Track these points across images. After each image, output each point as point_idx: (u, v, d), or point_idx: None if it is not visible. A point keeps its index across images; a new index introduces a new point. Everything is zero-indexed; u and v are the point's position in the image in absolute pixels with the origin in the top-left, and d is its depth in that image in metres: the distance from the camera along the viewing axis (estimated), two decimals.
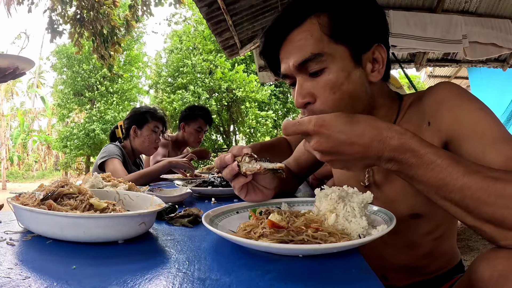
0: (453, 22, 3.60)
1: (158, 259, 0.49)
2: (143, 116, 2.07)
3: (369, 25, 0.69)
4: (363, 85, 0.70)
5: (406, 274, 0.86)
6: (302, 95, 0.69)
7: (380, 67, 0.71)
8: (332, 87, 0.67)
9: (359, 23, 0.67)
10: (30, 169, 21.62)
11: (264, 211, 0.61)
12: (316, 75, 0.68)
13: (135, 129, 2.06)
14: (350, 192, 0.61)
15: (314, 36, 0.66)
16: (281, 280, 0.41)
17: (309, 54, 0.66)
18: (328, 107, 0.68)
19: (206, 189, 1.10)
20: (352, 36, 0.67)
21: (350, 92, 0.68)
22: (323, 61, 0.66)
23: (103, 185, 1.06)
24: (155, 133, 2.07)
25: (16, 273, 0.43)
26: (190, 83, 12.17)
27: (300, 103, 0.70)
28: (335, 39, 0.66)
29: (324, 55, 0.66)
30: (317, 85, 0.68)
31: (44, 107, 19.00)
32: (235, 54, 4.43)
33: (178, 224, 0.69)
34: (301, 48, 0.67)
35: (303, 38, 0.67)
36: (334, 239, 0.50)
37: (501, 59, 4.62)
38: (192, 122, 2.67)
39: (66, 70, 14.30)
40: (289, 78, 0.74)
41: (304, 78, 0.69)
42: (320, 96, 0.68)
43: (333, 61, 0.67)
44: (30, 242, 0.56)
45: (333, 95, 0.67)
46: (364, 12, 0.69)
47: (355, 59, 0.68)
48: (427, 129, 0.71)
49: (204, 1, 3.32)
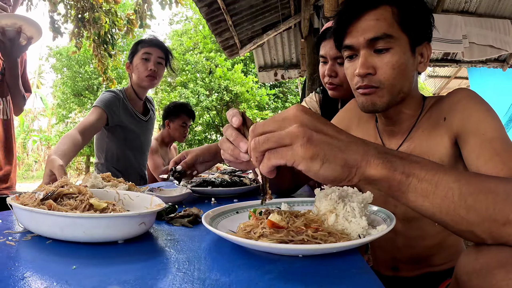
0: (453, 22, 3.60)
1: (158, 259, 0.49)
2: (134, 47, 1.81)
3: (425, 24, 0.82)
4: (413, 71, 0.83)
5: (416, 265, 0.92)
6: (366, 66, 0.79)
7: (425, 61, 0.85)
8: (394, 65, 0.78)
9: (420, 19, 0.80)
10: (30, 169, 21.60)
11: (264, 211, 0.61)
12: (381, 52, 0.79)
13: (129, 65, 1.82)
14: (350, 192, 0.61)
15: (387, 20, 0.78)
16: (281, 280, 0.41)
17: (382, 33, 0.77)
18: (386, 79, 0.79)
19: (206, 189, 1.10)
20: (414, 28, 0.79)
21: (405, 73, 0.80)
22: (391, 42, 0.77)
23: (103, 185, 1.06)
24: (147, 60, 1.77)
25: (16, 273, 0.43)
26: (189, 81, 12.18)
27: (363, 72, 0.79)
28: (402, 26, 0.78)
29: (393, 37, 0.77)
30: (380, 61, 0.79)
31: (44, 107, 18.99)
32: (235, 54, 4.43)
33: (178, 224, 0.69)
34: (375, 26, 0.78)
35: (378, 19, 0.78)
36: (334, 239, 0.50)
37: (501, 59, 4.62)
38: (176, 118, 2.73)
39: (66, 71, 14.29)
40: (351, 50, 0.83)
41: (369, 53, 0.79)
42: (381, 70, 0.79)
43: (398, 44, 0.78)
44: (30, 242, 0.56)
45: (392, 71, 0.78)
46: (424, 12, 0.81)
47: (412, 48, 0.80)
48: (443, 124, 0.82)
49: (204, 1, 3.32)
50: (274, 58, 4.90)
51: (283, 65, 4.95)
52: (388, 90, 0.80)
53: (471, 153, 0.74)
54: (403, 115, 0.88)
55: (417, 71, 0.84)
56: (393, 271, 0.96)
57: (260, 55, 4.81)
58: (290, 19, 4.11)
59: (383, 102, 0.81)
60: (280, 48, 4.74)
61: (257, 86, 12.46)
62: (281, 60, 4.93)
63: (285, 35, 4.52)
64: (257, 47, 4.43)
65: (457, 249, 0.92)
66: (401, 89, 0.81)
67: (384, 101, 0.81)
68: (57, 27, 4.74)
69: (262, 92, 12.54)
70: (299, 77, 5.23)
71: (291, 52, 4.82)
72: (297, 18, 4.05)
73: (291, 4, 3.94)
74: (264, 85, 12.95)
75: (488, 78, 6.02)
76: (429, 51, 0.84)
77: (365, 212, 0.57)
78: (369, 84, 0.79)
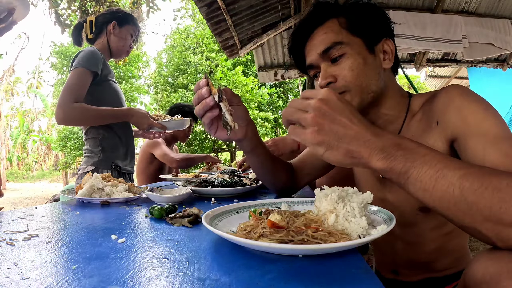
0: (453, 22, 3.60)
1: (158, 259, 0.49)
2: (125, 17, 1.89)
3: (375, 23, 0.84)
4: (376, 68, 0.83)
5: (416, 270, 0.90)
6: (325, 76, 0.82)
7: (390, 56, 0.86)
8: (350, 67, 0.80)
9: (368, 21, 0.83)
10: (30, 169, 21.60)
11: (264, 211, 0.61)
12: (337, 61, 0.82)
13: (115, 25, 1.85)
14: (350, 192, 0.61)
15: (335, 30, 0.82)
16: (281, 280, 0.41)
17: (331, 42, 0.81)
18: (347, 82, 0.80)
19: (206, 189, 1.10)
20: (364, 30, 0.82)
21: (366, 71, 0.81)
22: (343, 48, 0.81)
23: (103, 185, 1.06)
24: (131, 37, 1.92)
25: (16, 273, 0.43)
26: (191, 82, 12.18)
27: (324, 82, 0.81)
28: (351, 31, 0.82)
29: (343, 43, 0.81)
30: (338, 68, 0.81)
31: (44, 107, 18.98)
32: (235, 54, 4.43)
33: (178, 224, 0.69)
34: (324, 40, 0.82)
35: (325, 32, 0.83)
36: (334, 239, 0.50)
37: (501, 59, 4.62)
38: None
39: (66, 70, 14.29)
40: (313, 69, 0.87)
41: (327, 65, 0.83)
42: (340, 76, 0.81)
43: (351, 47, 0.81)
44: (30, 242, 0.57)
45: (351, 72, 0.80)
46: (371, 14, 0.85)
47: (369, 48, 0.82)
48: (436, 128, 0.77)
49: (204, 1, 3.32)
50: (274, 58, 4.90)
51: (283, 65, 4.95)
52: (355, 91, 0.81)
53: (474, 157, 0.66)
54: (386, 117, 0.87)
55: (382, 68, 0.84)
56: (393, 275, 0.96)
57: (260, 55, 4.81)
58: (290, 19, 4.11)
59: (355, 103, 0.81)
60: (280, 48, 4.74)
61: (257, 87, 12.46)
62: (281, 60, 4.92)
63: (285, 35, 4.51)
64: (257, 47, 4.42)
65: (460, 254, 0.89)
66: (368, 88, 0.81)
67: (355, 103, 0.81)
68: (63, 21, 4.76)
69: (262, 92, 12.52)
70: (299, 77, 5.23)
71: None
72: (297, 18, 4.05)
73: (291, 4, 3.94)
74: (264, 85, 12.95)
75: (488, 78, 6.01)
76: (391, 47, 0.86)
77: (365, 212, 0.57)
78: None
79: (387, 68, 0.86)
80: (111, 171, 1.74)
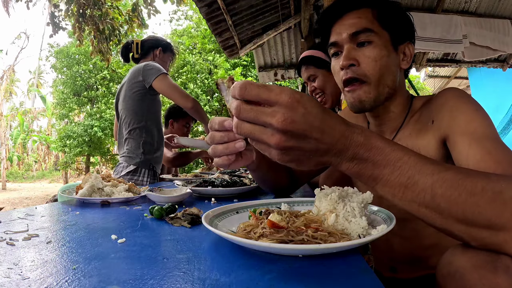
0: (453, 22, 3.60)
1: (158, 259, 0.49)
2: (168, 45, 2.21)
3: (404, 24, 0.88)
4: (396, 66, 0.86)
5: (413, 266, 0.92)
6: (348, 57, 0.83)
7: (408, 59, 0.89)
8: (375, 57, 0.82)
9: (398, 19, 0.87)
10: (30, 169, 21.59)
11: (264, 211, 0.61)
12: (363, 45, 0.83)
13: (160, 51, 2.15)
14: (350, 192, 0.61)
15: (368, 18, 0.84)
16: (281, 280, 0.41)
17: (363, 27, 0.83)
18: (369, 73, 0.82)
19: (206, 189, 1.10)
20: (393, 26, 0.85)
21: (387, 66, 0.83)
22: (372, 36, 0.83)
23: (103, 185, 1.06)
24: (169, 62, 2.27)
25: (16, 273, 0.43)
26: (190, 81, 12.17)
27: (346, 63, 0.83)
28: (382, 24, 0.84)
29: (374, 32, 0.83)
30: (362, 53, 0.83)
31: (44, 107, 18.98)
32: (235, 54, 4.43)
33: (178, 224, 0.69)
34: (356, 23, 0.84)
35: (359, 17, 0.84)
36: (334, 239, 0.50)
37: (501, 59, 4.62)
38: (180, 118, 2.83)
39: (66, 70, 14.29)
40: (335, 47, 0.88)
41: (352, 47, 0.84)
42: (364, 63, 0.83)
43: (379, 38, 0.83)
44: (30, 242, 0.57)
45: (374, 63, 0.82)
46: (401, 14, 0.88)
47: (394, 45, 0.85)
48: (431, 127, 0.81)
49: (204, 1, 3.32)
50: (274, 58, 4.90)
51: (283, 65, 4.95)
52: (374, 84, 0.83)
53: (461, 154, 0.71)
54: (391, 114, 0.90)
55: (400, 68, 0.88)
56: (391, 272, 0.96)
57: (260, 55, 4.81)
58: (290, 19, 4.11)
59: (370, 98, 0.83)
60: (280, 48, 4.74)
61: None
62: (281, 60, 4.92)
63: (285, 35, 4.51)
64: (257, 47, 4.42)
65: None
66: (386, 83, 0.84)
67: (371, 97, 0.83)
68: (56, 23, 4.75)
69: None
70: (299, 77, 5.23)
71: (291, 52, 4.81)
72: (297, 18, 4.05)
73: (291, 4, 3.94)
74: None
75: (488, 78, 6.02)
76: (412, 51, 0.89)
77: (365, 212, 0.57)
78: (353, 75, 0.83)
79: (403, 69, 0.89)
80: (148, 171, 1.95)
